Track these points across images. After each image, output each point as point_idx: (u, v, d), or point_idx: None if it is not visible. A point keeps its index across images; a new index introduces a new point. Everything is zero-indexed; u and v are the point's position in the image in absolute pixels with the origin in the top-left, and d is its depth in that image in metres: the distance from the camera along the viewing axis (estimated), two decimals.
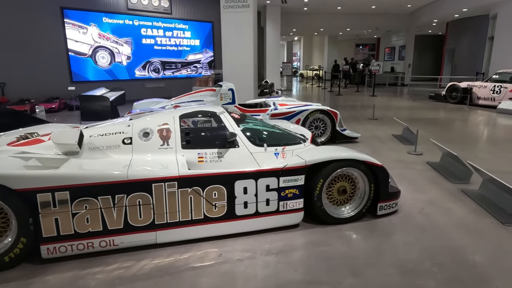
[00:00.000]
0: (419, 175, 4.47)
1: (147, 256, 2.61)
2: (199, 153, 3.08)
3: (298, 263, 2.53)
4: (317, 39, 32.26)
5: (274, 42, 17.40)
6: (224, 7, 8.58)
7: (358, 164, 3.03)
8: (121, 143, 2.99)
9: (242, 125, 3.34)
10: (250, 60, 8.74)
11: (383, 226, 3.10)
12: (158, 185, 2.58)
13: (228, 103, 6.04)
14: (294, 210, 2.95)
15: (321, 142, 5.97)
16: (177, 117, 3.21)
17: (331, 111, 5.94)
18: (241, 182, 2.77)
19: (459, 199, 3.69)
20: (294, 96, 15.13)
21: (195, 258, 2.58)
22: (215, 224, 2.78)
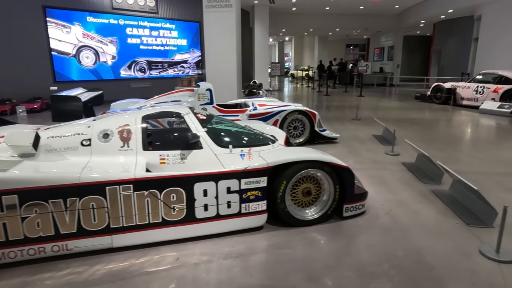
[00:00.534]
0: (393, 176, 4.46)
1: (102, 261, 2.54)
2: (161, 154, 3.02)
3: (256, 267, 2.48)
4: (307, 39, 32.34)
5: (263, 42, 17.39)
6: (207, 7, 8.52)
7: (322, 166, 2.99)
8: (80, 145, 2.92)
9: (207, 126, 3.29)
10: (233, 60, 8.69)
11: (348, 228, 3.07)
12: (112, 188, 2.52)
13: (206, 104, 5.98)
14: (257, 213, 2.91)
15: (299, 143, 5.95)
16: (140, 118, 3.15)
17: (309, 112, 5.92)
18: (201, 185, 2.71)
19: (429, 200, 3.68)
20: (281, 97, 15.13)
21: (151, 263, 2.52)
22: (174, 227, 2.72)
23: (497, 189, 4.01)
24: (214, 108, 6.00)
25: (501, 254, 2.58)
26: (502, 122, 8.56)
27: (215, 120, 3.61)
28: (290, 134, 5.96)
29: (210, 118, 3.54)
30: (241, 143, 3.32)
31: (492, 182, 4.24)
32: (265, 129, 4.42)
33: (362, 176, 4.43)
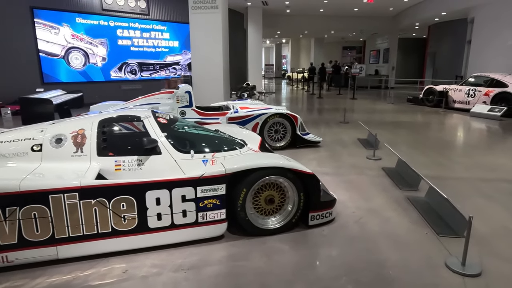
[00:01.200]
0: (370, 182, 4.33)
1: (45, 273, 2.40)
2: (116, 160, 2.89)
3: (206, 280, 2.35)
4: (304, 41, 32.28)
5: (256, 44, 17.29)
6: (192, 8, 8.42)
7: (284, 172, 2.86)
8: (30, 150, 2.79)
9: (167, 131, 3.15)
10: (220, 62, 8.57)
11: (312, 237, 2.94)
12: (56, 196, 2.38)
13: (185, 106, 5.85)
14: (215, 222, 2.77)
15: (281, 147, 5.83)
16: (97, 122, 3.02)
17: (291, 115, 5.79)
18: (153, 193, 2.58)
19: (402, 207, 3.55)
20: (273, 99, 15.01)
21: (96, 275, 2.39)
22: (125, 237, 2.58)
23: (475, 196, 3.88)
24: (193, 110, 5.87)
25: (466, 267, 2.45)
26: (492, 125, 8.44)
27: (179, 124, 3.48)
28: (271, 137, 5.83)
29: (173, 122, 3.41)
30: (204, 149, 3.19)
31: (472, 188, 4.11)
32: (241, 134, 4.30)
33: (338, 182, 4.31)
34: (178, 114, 5.79)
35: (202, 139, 3.36)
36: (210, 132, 3.61)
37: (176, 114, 5.78)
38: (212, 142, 3.34)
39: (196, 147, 3.17)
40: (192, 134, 3.40)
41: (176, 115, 5.54)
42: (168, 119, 3.37)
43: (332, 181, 4.37)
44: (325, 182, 4.24)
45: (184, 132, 3.38)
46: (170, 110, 5.78)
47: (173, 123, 3.39)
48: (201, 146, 3.23)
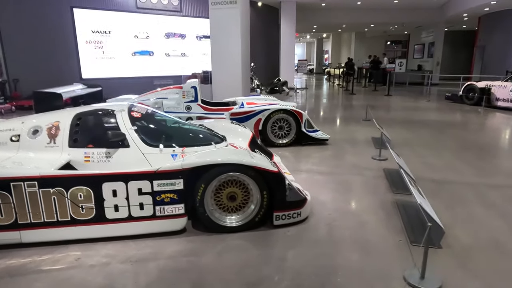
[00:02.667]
0: (364, 183, 4.10)
1: (7, 256, 2.56)
2: (85, 152, 3.01)
3: (148, 274, 2.37)
4: (345, 36, 31.25)
5: (289, 39, 17.06)
6: (212, 4, 8.48)
7: (245, 170, 2.79)
8: (9, 140, 3.00)
9: (139, 125, 3.21)
10: (238, 57, 8.57)
11: (273, 238, 2.84)
12: (17, 184, 2.53)
13: (190, 101, 5.92)
14: (173, 216, 2.78)
15: (284, 144, 5.71)
16: (73, 115, 3.16)
17: (295, 111, 5.63)
18: (109, 184, 2.64)
19: (386, 211, 3.31)
20: (302, 95, 14.74)
21: (50, 261, 2.51)
22: (83, 226, 2.68)
23: (475, 203, 3.52)
24: (199, 105, 5.93)
25: (425, 280, 2.23)
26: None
27: (156, 118, 3.52)
28: (275, 134, 5.73)
29: (148, 116, 3.46)
30: (175, 143, 3.21)
31: (475, 195, 3.73)
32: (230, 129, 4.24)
33: (328, 181, 4.13)
34: (184, 108, 5.89)
35: (175, 134, 3.38)
36: (190, 127, 3.62)
37: (182, 109, 5.89)
38: (185, 137, 3.35)
39: (166, 141, 3.20)
40: (165, 128, 3.43)
41: (161, 109, 5.64)
42: (143, 113, 3.43)
43: (322, 180, 4.20)
44: (315, 182, 4.11)
45: (157, 126, 3.42)
46: (176, 104, 5.89)
47: (149, 117, 3.44)
48: (172, 140, 3.25)
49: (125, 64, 13.18)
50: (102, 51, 12.61)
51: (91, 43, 12.32)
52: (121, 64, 13.09)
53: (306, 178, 4.25)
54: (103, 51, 12.63)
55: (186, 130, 3.51)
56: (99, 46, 12.52)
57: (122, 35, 12.88)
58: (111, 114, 3.21)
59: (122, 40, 12.93)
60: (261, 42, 17.47)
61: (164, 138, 3.25)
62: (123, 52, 13.05)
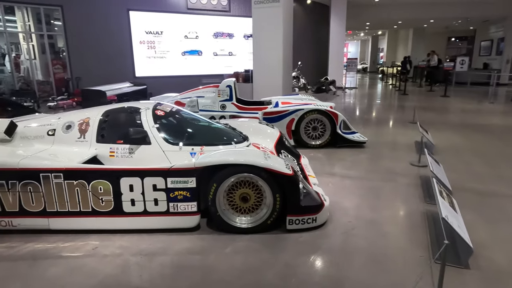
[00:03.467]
0: (395, 190, 3.83)
1: (37, 240, 2.80)
2: (111, 147, 3.17)
3: (154, 268, 2.43)
4: (403, 33, 29.52)
5: (338, 37, 16.57)
6: (255, 3, 8.50)
7: (258, 171, 2.74)
8: (46, 134, 3.26)
9: (161, 123, 3.31)
10: (279, 57, 8.49)
11: (285, 242, 2.76)
12: (46, 175, 2.75)
13: (225, 100, 6.00)
14: (186, 213, 2.83)
15: (318, 145, 5.54)
16: (102, 112, 3.36)
17: (330, 112, 5.44)
18: (127, 179, 2.76)
19: (412, 223, 3.06)
20: (349, 94, 14.23)
21: (71, 248, 2.69)
22: (103, 218, 2.83)
23: None
24: (233, 104, 5.99)
25: None
26: None
27: (179, 117, 3.60)
28: (308, 135, 5.59)
29: (171, 115, 3.55)
30: (195, 141, 3.26)
31: None
32: (258, 129, 4.21)
33: (357, 187, 3.93)
34: (219, 107, 5.98)
35: (196, 133, 3.43)
36: (212, 126, 3.66)
37: (217, 107, 5.99)
38: (205, 136, 3.39)
39: (186, 139, 3.27)
40: (187, 127, 3.50)
41: (197, 107, 5.83)
42: (166, 111, 3.53)
43: (350, 185, 4.01)
44: (343, 186, 3.94)
45: (179, 125, 3.50)
46: (212, 103, 6.01)
47: (171, 116, 3.54)
48: (192, 139, 3.31)
49: (175, 63, 13.74)
50: (154, 51, 13.28)
51: (144, 43, 13.03)
52: (172, 63, 13.67)
53: (334, 182, 4.08)
54: (155, 51, 13.29)
55: (207, 129, 3.55)
56: (152, 46, 13.20)
57: (173, 35, 13.44)
58: (137, 112, 3.35)
59: (173, 40, 13.50)
60: (310, 40, 17.18)
61: (185, 137, 3.32)
62: (174, 52, 13.62)
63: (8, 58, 11.41)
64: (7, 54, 11.26)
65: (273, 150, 3.73)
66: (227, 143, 3.37)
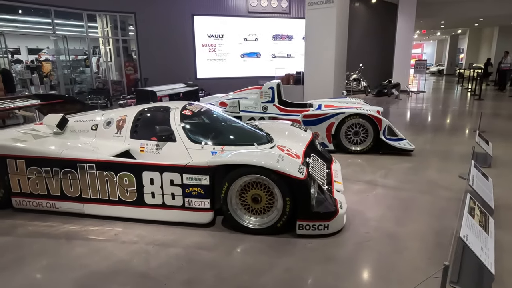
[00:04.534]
0: (431, 204, 3.53)
1: (73, 222, 3.16)
2: (141, 143, 3.45)
3: (160, 258, 2.59)
4: (487, 31, 26.60)
5: (406, 37, 15.56)
6: (309, 4, 8.41)
7: (267, 173, 2.75)
8: (90, 129, 3.66)
9: (187, 122, 3.48)
10: (331, 58, 8.28)
11: (291, 247, 2.73)
12: (81, 165, 3.10)
13: (267, 101, 6.05)
14: (200, 209, 2.96)
15: (359, 151, 5.31)
16: (137, 110, 3.65)
17: (373, 117, 5.17)
18: (148, 173, 2.98)
19: (438, 241, 2.80)
20: (415, 98, 13.28)
21: (98, 232, 2.99)
22: (127, 207, 3.09)
23: None
24: (275, 106, 6.01)
25: None
26: None
27: (206, 116, 3.75)
28: (349, 139, 5.38)
29: (199, 114, 3.71)
30: (217, 141, 3.38)
31: None
32: (289, 132, 4.19)
33: (389, 197, 3.72)
34: (261, 108, 6.07)
35: (220, 132, 3.55)
36: (238, 126, 3.74)
37: (259, 109, 6.08)
38: (228, 136, 3.49)
39: (209, 138, 3.40)
40: (212, 127, 3.63)
41: (237, 108, 5.95)
42: (194, 111, 3.69)
43: (382, 194, 3.79)
44: (372, 195, 3.74)
45: (204, 124, 3.65)
46: (254, 104, 6.11)
47: (199, 115, 3.69)
48: (215, 138, 3.43)
49: (234, 65, 14.19)
50: (215, 53, 13.88)
51: (206, 46, 13.69)
52: (231, 65, 14.14)
53: (364, 190, 3.90)
54: (215, 53, 13.88)
55: (232, 129, 3.65)
56: (213, 49, 13.81)
57: (233, 38, 13.90)
58: (167, 111, 3.58)
59: (233, 43, 13.96)
60: (373, 41, 16.40)
61: (208, 136, 3.46)
62: (233, 54, 14.08)
63: (90, 60, 12.87)
64: (89, 57, 12.71)
65: (299, 154, 3.69)
66: (249, 144, 3.43)
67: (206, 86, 13.50)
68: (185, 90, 7.63)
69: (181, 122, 3.44)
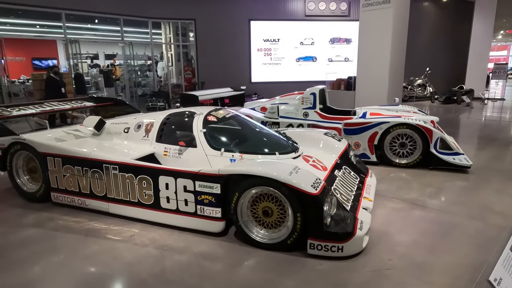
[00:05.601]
0: (478, 232, 3.04)
1: (97, 219, 3.32)
2: (165, 147, 3.51)
3: (166, 264, 2.59)
4: None
5: (483, 39, 14.02)
6: (363, 6, 7.96)
7: (278, 185, 2.60)
8: (122, 131, 3.84)
9: (209, 128, 3.46)
10: (386, 63, 7.73)
11: (298, 267, 2.53)
12: (107, 166, 3.24)
13: (308, 108, 5.81)
14: (212, 218, 2.90)
15: (405, 164, 4.84)
16: (165, 115, 3.73)
17: (423, 128, 4.66)
18: (164, 178, 3.01)
19: (472, 279, 2.38)
20: (492, 107, 11.86)
21: (115, 232, 3.09)
22: (145, 209, 3.16)
23: None
24: (316, 113, 5.76)
25: None
26: None
27: (231, 122, 3.68)
28: (394, 151, 4.93)
29: (223, 120, 3.65)
30: (237, 148, 3.31)
31: None
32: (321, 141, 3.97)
33: (428, 220, 3.31)
34: (301, 115, 5.86)
35: (241, 140, 3.46)
36: (263, 134, 3.63)
37: (299, 115, 5.88)
38: (249, 144, 3.39)
39: (229, 145, 3.34)
40: (234, 134, 3.56)
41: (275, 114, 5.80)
42: (218, 117, 3.64)
43: (419, 217, 3.38)
44: (408, 217, 3.35)
45: (226, 131, 3.58)
46: (295, 110, 5.93)
47: (222, 121, 3.64)
48: (235, 145, 3.36)
49: (289, 69, 14.04)
50: (270, 58, 13.89)
51: (261, 50, 13.76)
52: (286, 70, 14.02)
53: (400, 209, 3.51)
54: (270, 57, 13.89)
55: (255, 136, 3.54)
56: (268, 53, 13.83)
57: (289, 42, 13.78)
58: (192, 117, 3.60)
59: (289, 47, 13.83)
60: (443, 43, 15.08)
61: (229, 143, 3.40)
62: (288, 58, 13.96)
63: (153, 65, 13.74)
64: (152, 62, 13.58)
65: (327, 165, 3.45)
66: (271, 153, 3.29)
67: (260, 90, 13.56)
68: (230, 94, 7.69)
69: (203, 128, 3.43)
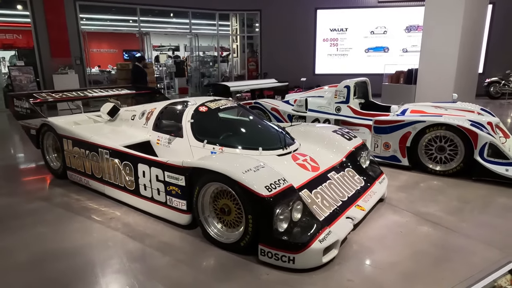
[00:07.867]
0: (484, 262, 2.43)
1: (93, 199, 3.56)
2: (158, 136, 3.57)
3: (125, 250, 2.64)
4: None
5: None
6: None
7: (232, 183, 2.42)
8: (130, 118, 4.02)
9: (197, 119, 3.38)
10: (455, 53, 6.64)
11: (243, 273, 2.34)
12: (101, 150, 3.44)
13: (341, 102, 5.31)
14: (178, 210, 2.86)
15: (442, 172, 4.14)
16: (164, 104, 3.79)
17: (465, 129, 3.90)
18: (141, 166, 3.06)
19: None
20: None
21: (100, 213, 3.26)
22: (128, 195, 3.27)
23: None
24: (349, 107, 5.24)
25: None
26: None
27: (221, 115, 3.55)
28: (430, 156, 4.23)
29: (215, 111, 3.52)
30: (219, 141, 3.19)
31: None
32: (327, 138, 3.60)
33: (427, 240, 2.80)
34: (333, 109, 5.42)
35: (228, 132, 3.33)
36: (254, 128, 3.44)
37: (332, 109, 5.45)
38: (233, 137, 3.24)
39: (213, 138, 3.24)
40: (220, 126, 3.43)
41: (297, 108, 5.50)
42: (211, 108, 3.53)
43: (422, 235, 2.85)
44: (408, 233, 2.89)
45: (214, 123, 3.47)
46: (327, 104, 5.50)
47: (212, 113, 3.51)
48: (218, 138, 3.25)
49: (357, 60, 13.15)
50: (336, 48, 13.19)
51: (327, 40, 13.14)
52: (353, 61, 13.17)
53: (402, 224, 3.00)
54: (337, 48, 13.18)
55: (242, 130, 3.36)
56: (334, 44, 13.15)
57: (358, 32, 12.88)
58: (186, 107, 3.58)
59: (357, 37, 12.94)
60: None
61: (213, 135, 3.29)
62: (356, 49, 13.07)
63: (218, 56, 14.19)
64: (217, 53, 14.02)
65: (322, 165, 3.13)
66: (253, 148, 3.10)
67: (324, 82, 12.94)
68: (266, 86, 7.50)
69: (191, 119, 3.39)
